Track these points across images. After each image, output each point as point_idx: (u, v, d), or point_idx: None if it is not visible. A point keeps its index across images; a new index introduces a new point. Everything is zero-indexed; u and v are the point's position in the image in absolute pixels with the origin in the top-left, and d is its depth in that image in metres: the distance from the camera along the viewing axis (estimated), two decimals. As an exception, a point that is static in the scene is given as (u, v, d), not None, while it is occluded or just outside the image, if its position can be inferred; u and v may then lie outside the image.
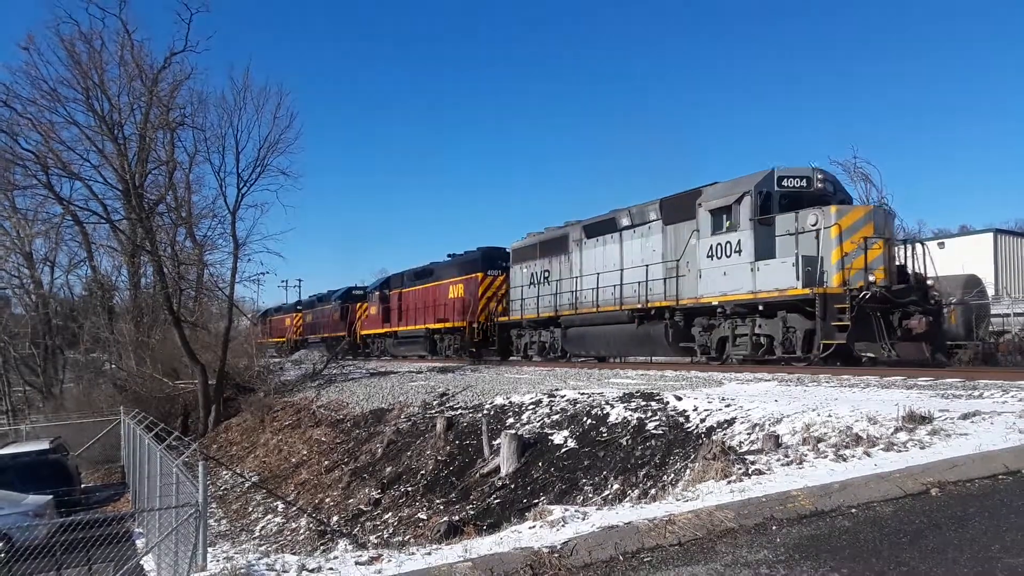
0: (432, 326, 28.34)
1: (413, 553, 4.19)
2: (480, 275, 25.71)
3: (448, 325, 27.23)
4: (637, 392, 11.19)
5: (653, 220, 17.83)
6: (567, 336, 20.76)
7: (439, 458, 12.32)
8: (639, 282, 17.84)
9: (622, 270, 18.71)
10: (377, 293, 35.22)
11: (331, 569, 4.04)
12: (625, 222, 18.80)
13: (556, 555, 3.85)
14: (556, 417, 11.32)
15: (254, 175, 25.80)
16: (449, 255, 29.27)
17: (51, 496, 15.35)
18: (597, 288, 19.46)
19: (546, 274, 22.22)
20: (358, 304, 38.56)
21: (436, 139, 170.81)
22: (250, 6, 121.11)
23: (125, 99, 26.70)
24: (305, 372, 28.48)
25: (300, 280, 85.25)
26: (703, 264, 15.87)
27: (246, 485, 17.28)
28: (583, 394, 11.96)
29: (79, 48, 25.76)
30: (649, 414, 9.86)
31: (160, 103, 26.69)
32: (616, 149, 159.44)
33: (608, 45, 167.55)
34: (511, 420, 12.07)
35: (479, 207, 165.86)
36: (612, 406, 10.64)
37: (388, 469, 13.30)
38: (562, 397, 12.19)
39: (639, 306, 17.60)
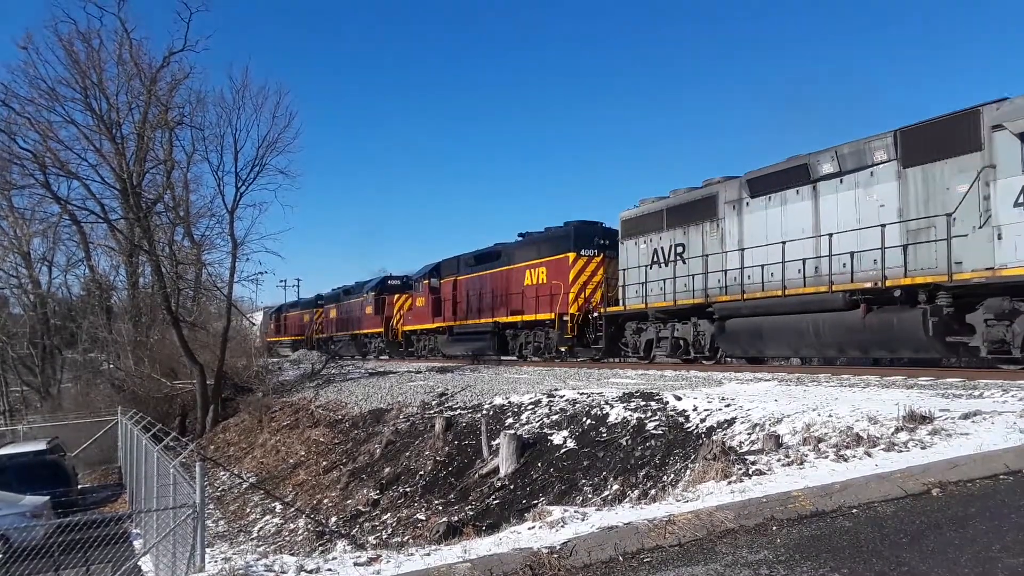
0: (502, 319, 23.57)
1: (412, 554, 4.17)
2: (571, 255, 20.66)
3: (525, 318, 22.37)
4: (637, 392, 11.18)
5: (880, 162, 12.70)
6: (725, 330, 15.43)
7: (438, 458, 12.30)
8: (858, 252, 12.80)
9: (819, 237, 13.61)
10: (425, 282, 29.61)
11: (329, 570, 4.01)
12: (826, 169, 13.69)
13: (555, 556, 3.82)
14: (555, 417, 11.30)
15: (252, 174, 25.85)
16: (521, 234, 24.49)
17: (48, 497, 15.32)
18: (783, 263, 14.02)
19: (679, 249, 17.10)
20: (396, 296, 33.23)
21: (436, 139, 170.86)
22: (251, 5, 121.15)
23: (123, 98, 26.71)
24: (304, 372, 28.46)
25: (299, 280, 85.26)
26: (1008, 218, 10.64)
27: (244, 486, 17.24)
28: (582, 394, 11.95)
29: (77, 47, 25.76)
30: (649, 414, 9.84)
31: (158, 102, 26.65)
32: (615, 150, 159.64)
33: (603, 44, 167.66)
34: (510, 420, 12.05)
35: (480, 207, 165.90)
36: (612, 406, 10.62)
37: (387, 470, 13.27)
38: (561, 397, 12.17)
39: (869, 285, 12.36)
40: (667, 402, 10.10)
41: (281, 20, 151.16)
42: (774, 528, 4.22)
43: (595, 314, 19.91)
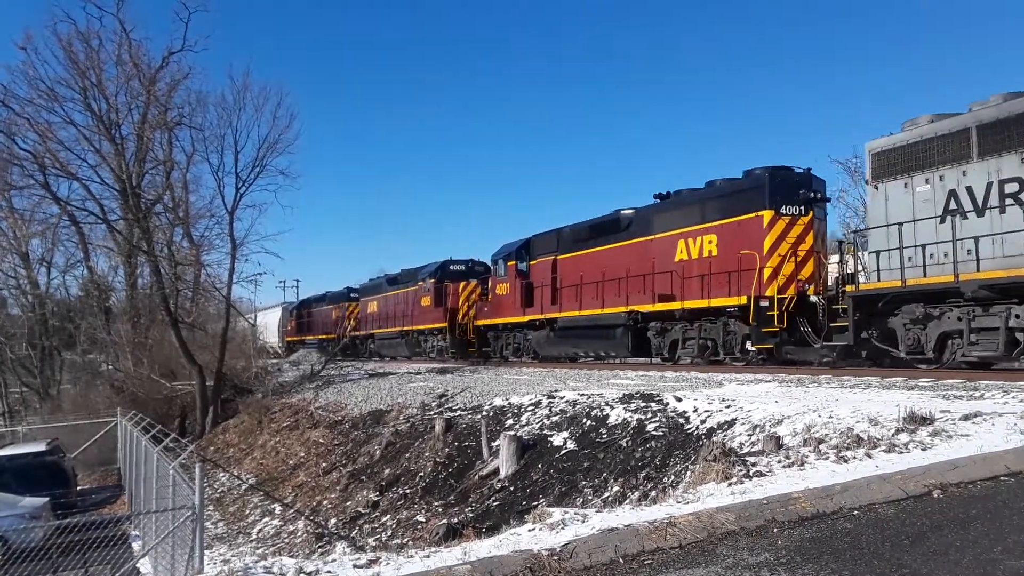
0: (643, 308, 17.53)
1: (412, 556, 4.16)
2: (765, 215, 14.77)
3: (685, 305, 16.23)
4: (637, 393, 11.17)
5: None
6: None
7: (438, 460, 12.28)
8: None
9: None
10: (509, 264, 23.79)
11: (329, 572, 4.01)
12: None
13: (556, 558, 3.82)
14: (556, 419, 11.29)
15: (252, 175, 25.87)
16: (660, 195, 18.48)
17: (47, 498, 15.29)
18: None
19: (1011, 188, 10.86)
20: (462, 283, 27.56)
21: (436, 139, 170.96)
22: (251, 4, 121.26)
23: (123, 99, 26.69)
24: (303, 373, 28.45)
25: (298, 280, 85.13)
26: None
27: (243, 487, 17.23)
28: (583, 395, 11.94)
29: (77, 48, 25.78)
30: (649, 415, 9.83)
31: (158, 103, 26.67)
32: (614, 149, 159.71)
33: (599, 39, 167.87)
34: (510, 421, 12.04)
35: (479, 207, 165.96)
36: (612, 407, 10.61)
37: (386, 471, 13.26)
38: (561, 398, 12.16)
39: None
40: (667, 403, 10.09)
41: (281, 20, 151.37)
42: (775, 530, 4.21)
43: (815, 297, 14.39)
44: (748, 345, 15.17)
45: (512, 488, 9.88)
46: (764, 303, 14.40)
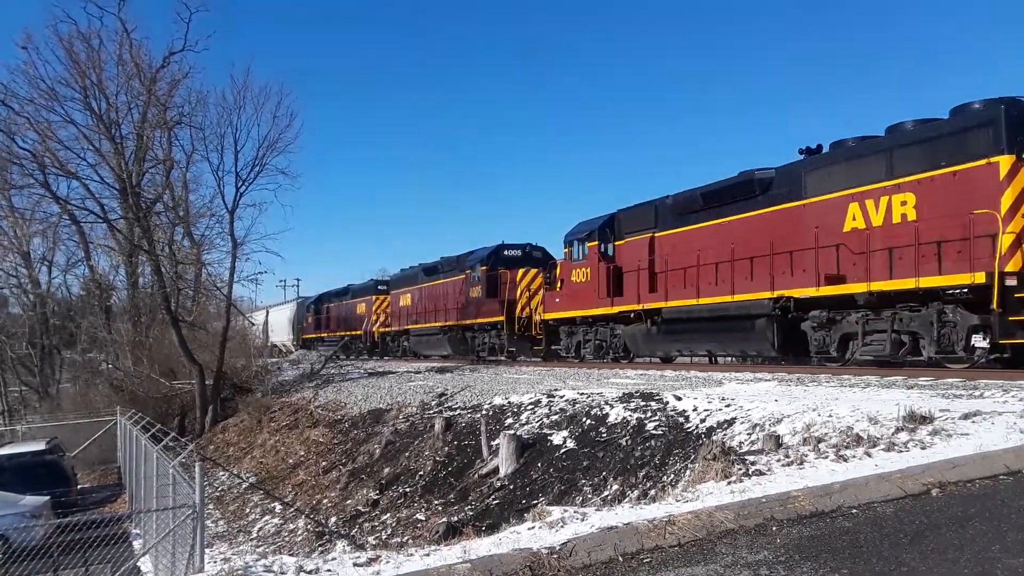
0: (797, 293, 13.61)
1: (411, 554, 4.17)
2: (1003, 160, 10.76)
3: (855, 289, 12.55)
4: (636, 392, 11.17)
5: None
6: None
7: (437, 459, 12.29)
8: None
9: None
10: (591, 246, 19.59)
11: (329, 570, 4.01)
12: None
13: (555, 556, 3.82)
14: (555, 417, 11.29)
15: (253, 174, 25.84)
16: (806, 150, 14.31)
17: (48, 497, 15.32)
18: None
19: None
20: (521, 271, 23.47)
21: (436, 138, 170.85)
22: (251, 4, 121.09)
23: (123, 98, 26.69)
24: (303, 372, 28.48)
25: (299, 279, 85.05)
26: None
27: (243, 486, 17.25)
28: (582, 394, 11.94)
29: (77, 47, 25.75)
30: (649, 414, 9.84)
31: (158, 102, 26.67)
32: (615, 148, 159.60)
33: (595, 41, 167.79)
34: (510, 420, 12.05)
35: (478, 207, 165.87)
36: (611, 406, 10.61)
37: (386, 470, 13.27)
38: (561, 397, 12.16)
39: None
40: (667, 402, 10.09)
41: (281, 20, 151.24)
42: (774, 528, 4.22)
43: None
44: (976, 340, 11.13)
45: (512, 487, 9.89)
46: (1011, 281, 10.51)
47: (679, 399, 10.06)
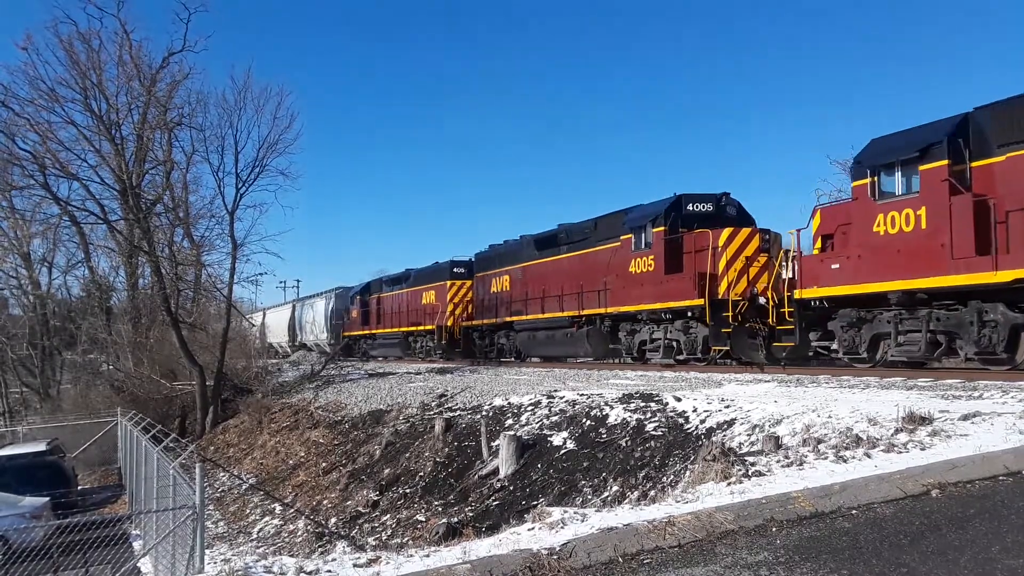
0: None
1: (411, 555, 4.17)
2: None
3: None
4: (636, 393, 11.18)
5: None
6: None
7: (438, 460, 12.29)
8: None
9: None
10: (935, 168, 10.95)
11: (329, 571, 4.02)
12: None
13: (555, 557, 3.83)
14: (555, 418, 11.30)
15: (253, 175, 25.83)
16: None
17: (48, 498, 15.31)
18: None
19: None
20: (727, 232, 15.90)
21: (436, 138, 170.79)
22: (252, 4, 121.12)
23: (123, 99, 26.67)
24: (303, 373, 28.46)
25: (299, 280, 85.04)
26: None
27: (244, 487, 17.24)
28: (582, 395, 11.94)
29: (77, 48, 25.73)
30: (648, 415, 9.84)
31: (158, 103, 26.67)
32: (616, 150, 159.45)
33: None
34: (510, 421, 12.05)
35: (478, 207, 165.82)
36: (611, 407, 10.62)
37: (386, 471, 13.26)
38: (561, 398, 12.16)
39: None
40: (667, 403, 10.09)
41: (281, 19, 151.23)
42: (774, 529, 4.23)
43: None
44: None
45: (512, 488, 9.89)
46: None
47: (679, 400, 10.06)
